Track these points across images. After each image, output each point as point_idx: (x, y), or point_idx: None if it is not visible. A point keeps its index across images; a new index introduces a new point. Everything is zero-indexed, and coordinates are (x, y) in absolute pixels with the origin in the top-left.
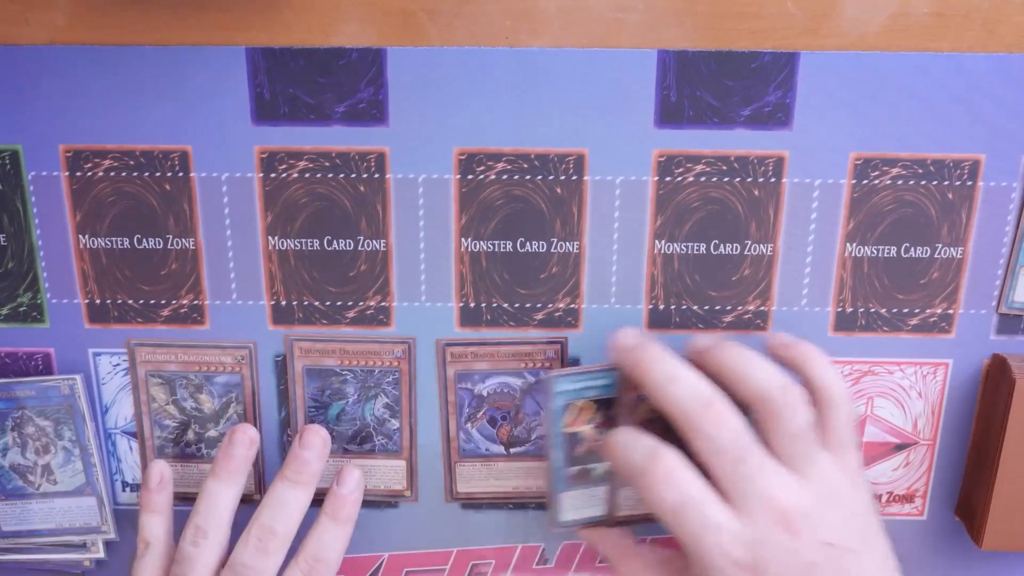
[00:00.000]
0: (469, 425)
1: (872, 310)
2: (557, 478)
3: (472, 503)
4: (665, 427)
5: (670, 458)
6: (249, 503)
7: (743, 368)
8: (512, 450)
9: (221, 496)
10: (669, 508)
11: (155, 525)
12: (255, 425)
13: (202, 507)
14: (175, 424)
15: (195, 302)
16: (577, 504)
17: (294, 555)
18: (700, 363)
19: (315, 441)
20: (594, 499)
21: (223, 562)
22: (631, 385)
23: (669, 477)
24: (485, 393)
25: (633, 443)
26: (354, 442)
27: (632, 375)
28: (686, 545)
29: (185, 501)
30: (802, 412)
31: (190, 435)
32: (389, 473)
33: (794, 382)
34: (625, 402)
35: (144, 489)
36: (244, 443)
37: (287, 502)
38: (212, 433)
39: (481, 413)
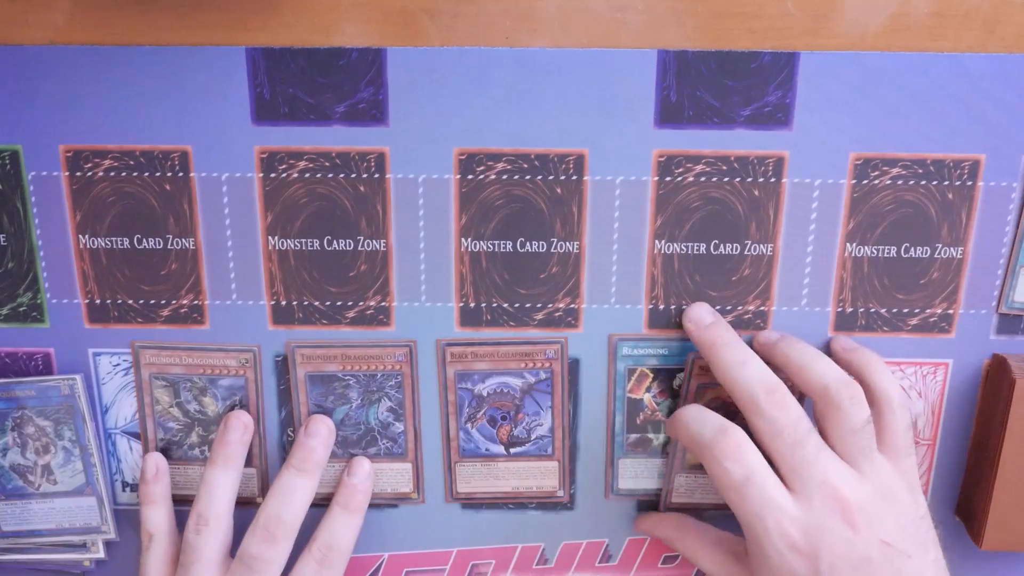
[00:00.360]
0: (469, 425)
1: (872, 310)
2: (616, 444)
3: (472, 503)
4: (726, 413)
5: (739, 434)
6: (252, 506)
7: (808, 361)
8: (512, 450)
9: (219, 482)
10: (734, 482)
11: (156, 516)
12: (258, 426)
13: (202, 495)
14: (179, 427)
15: (195, 302)
16: (635, 473)
17: (306, 544)
18: (765, 355)
19: (321, 429)
20: (652, 470)
21: (229, 549)
22: (700, 362)
23: (737, 452)
24: (485, 393)
25: (703, 417)
26: (359, 447)
27: (704, 352)
28: (745, 522)
29: (186, 504)
30: (862, 408)
31: (193, 437)
32: (395, 476)
33: (855, 382)
34: (694, 377)
35: (142, 482)
36: (239, 428)
37: (293, 490)
38: (215, 436)
39: (481, 413)
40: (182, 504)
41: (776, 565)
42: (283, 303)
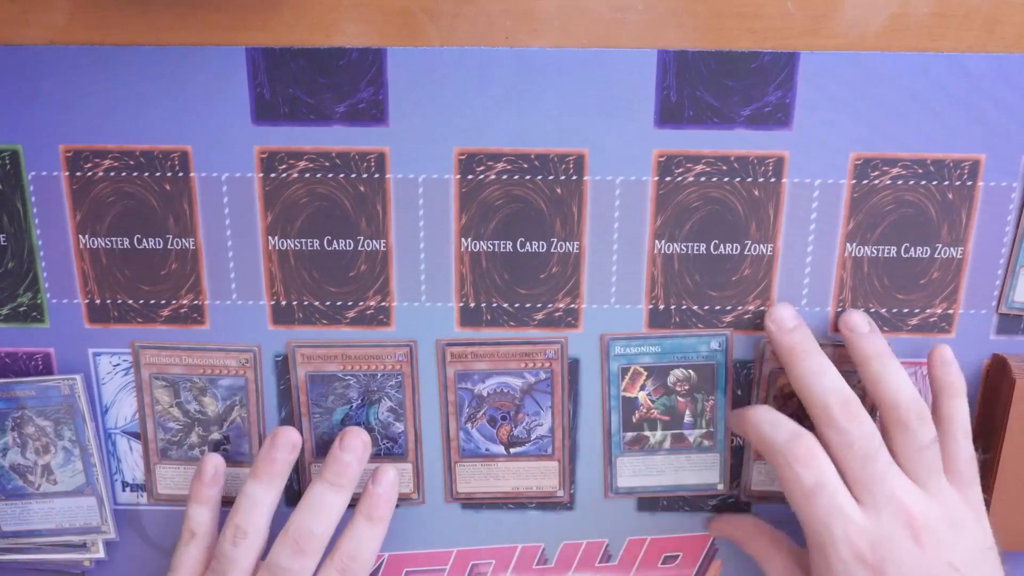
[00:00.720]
0: (469, 425)
1: (872, 310)
2: (613, 443)
3: (472, 503)
4: (793, 412)
5: (812, 440)
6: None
7: (883, 373)
8: (512, 450)
9: (261, 498)
10: (804, 488)
11: (203, 516)
12: (257, 427)
13: (242, 508)
14: (179, 427)
15: (195, 302)
16: (633, 471)
17: (328, 554)
18: (849, 344)
19: (356, 444)
20: (651, 468)
21: (260, 561)
22: (772, 347)
23: (809, 458)
24: (485, 393)
25: (776, 420)
26: None
27: (782, 355)
28: (812, 530)
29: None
30: (929, 428)
31: (193, 438)
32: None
33: (921, 398)
34: (765, 363)
35: (197, 481)
36: (287, 447)
37: (326, 504)
38: (216, 436)
39: (481, 413)
40: (183, 504)
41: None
42: (283, 303)
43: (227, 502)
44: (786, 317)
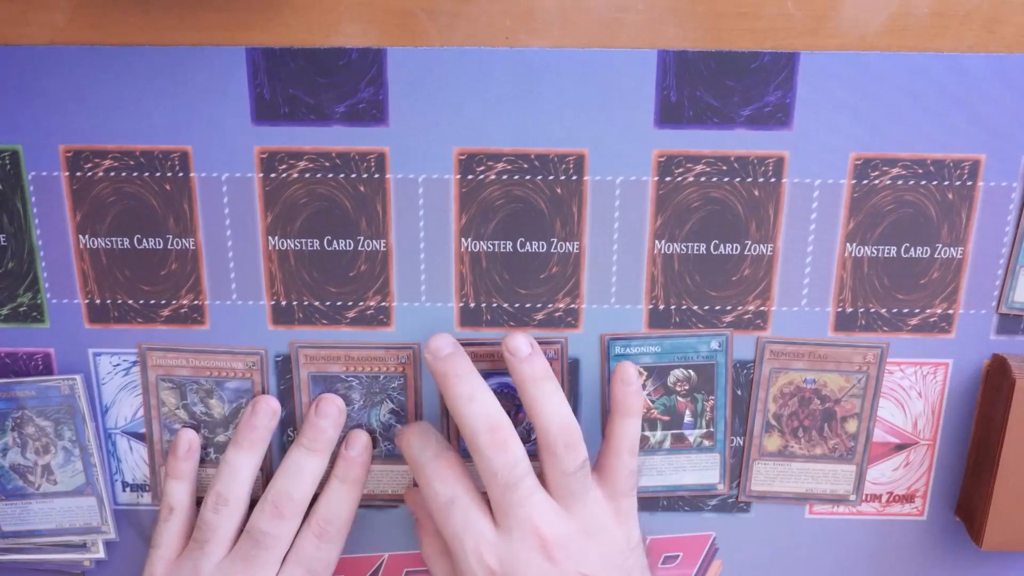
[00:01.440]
0: None
1: (872, 310)
2: None
3: None
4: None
5: (451, 458)
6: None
7: (537, 398)
8: None
9: (242, 465)
10: (440, 504)
11: (180, 491)
12: None
13: (224, 475)
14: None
15: (195, 302)
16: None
17: (306, 519)
18: (511, 369)
19: (331, 410)
20: (650, 468)
21: (241, 528)
22: (771, 346)
23: (446, 475)
24: None
25: (426, 438)
26: None
27: (438, 382)
28: (449, 543)
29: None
30: (577, 454)
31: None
32: (396, 478)
33: (576, 423)
34: (766, 362)
35: (172, 456)
36: (267, 414)
37: (302, 469)
38: (222, 438)
39: None
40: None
41: None
42: (283, 303)
43: None
44: (441, 346)
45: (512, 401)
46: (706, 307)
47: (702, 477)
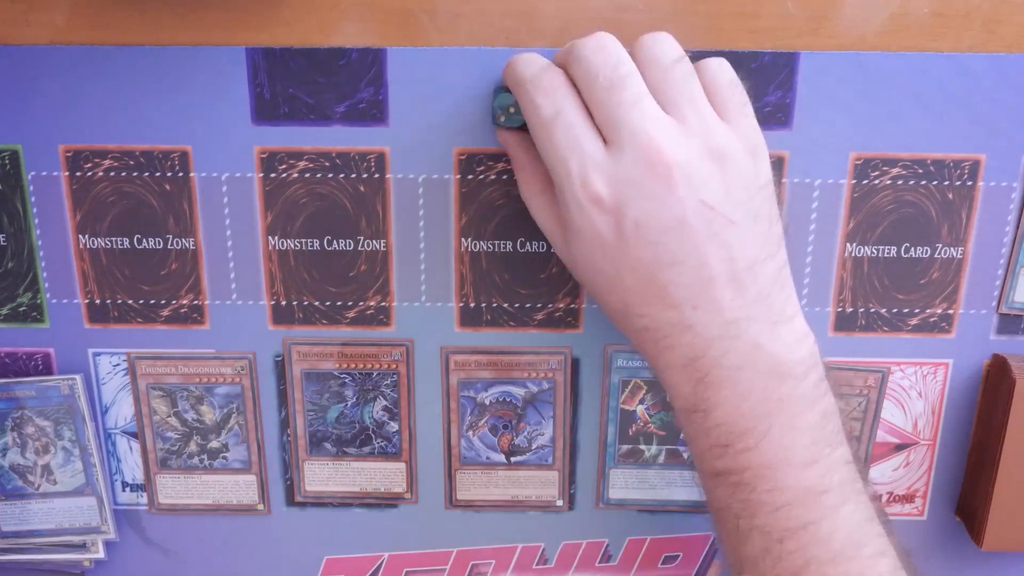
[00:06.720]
0: (470, 433)
1: (872, 310)
2: (608, 454)
3: (471, 509)
4: None
5: (560, 76)
6: (252, 512)
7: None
8: (512, 459)
9: None
10: (543, 119)
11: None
12: (255, 433)
13: None
14: (177, 436)
15: (195, 302)
16: (625, 483)
17: None
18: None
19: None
20: (643, 482)
21: None
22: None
23: (552, 89)
24: (487, 402)
25: (530, 59)
26: (353, 445)
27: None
28: (551, 166)
29: (188, 513)
30: (671, 46)
31: (192, 446)
32: (389, 475)
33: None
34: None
35: None
36: None
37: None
38: (214, 444)
39: (483, 421)
40: (184, 513)
41: (578, 224)
42: (283, 303)
43: (219, 510)
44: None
45: (513, 408)
46: None
47: (694, 494)
